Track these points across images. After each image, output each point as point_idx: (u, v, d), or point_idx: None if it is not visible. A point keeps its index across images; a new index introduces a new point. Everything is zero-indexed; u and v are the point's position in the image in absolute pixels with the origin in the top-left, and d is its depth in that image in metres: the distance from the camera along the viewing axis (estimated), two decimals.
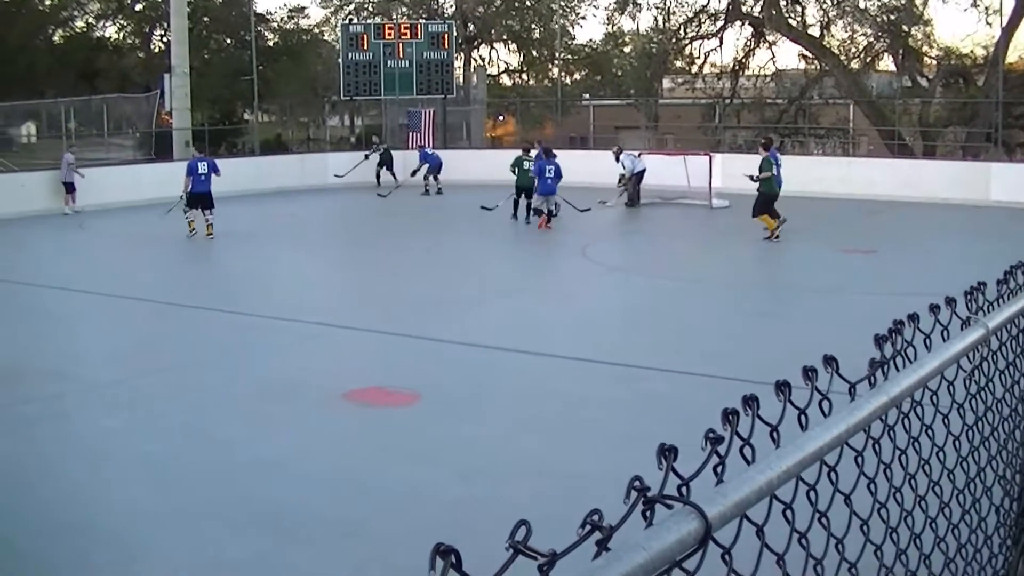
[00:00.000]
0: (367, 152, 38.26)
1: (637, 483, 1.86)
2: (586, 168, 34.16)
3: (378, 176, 38.03)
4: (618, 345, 14.06)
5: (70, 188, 32.87)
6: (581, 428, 10.54)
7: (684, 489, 1.95)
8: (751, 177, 24.38)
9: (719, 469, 2.10)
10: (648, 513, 1.88)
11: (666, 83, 53.83)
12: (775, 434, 2.33)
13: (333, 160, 41.12)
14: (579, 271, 21.03)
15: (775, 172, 24.08)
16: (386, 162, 38.14)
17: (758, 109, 47.44)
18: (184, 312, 17.08)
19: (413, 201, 33.86)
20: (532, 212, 27.07)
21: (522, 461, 9.55)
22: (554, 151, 28.27)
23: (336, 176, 36.91)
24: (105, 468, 9.71)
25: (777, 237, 23.82)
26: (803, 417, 2.46)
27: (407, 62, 41.76)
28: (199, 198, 25.68)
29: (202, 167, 25.88)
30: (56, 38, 60.87)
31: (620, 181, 31.23)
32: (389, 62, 41.70)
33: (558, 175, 26.69)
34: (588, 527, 1.75)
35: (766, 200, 24.12)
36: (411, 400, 11.58)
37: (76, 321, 16.85)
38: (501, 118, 56.11)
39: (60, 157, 34.10)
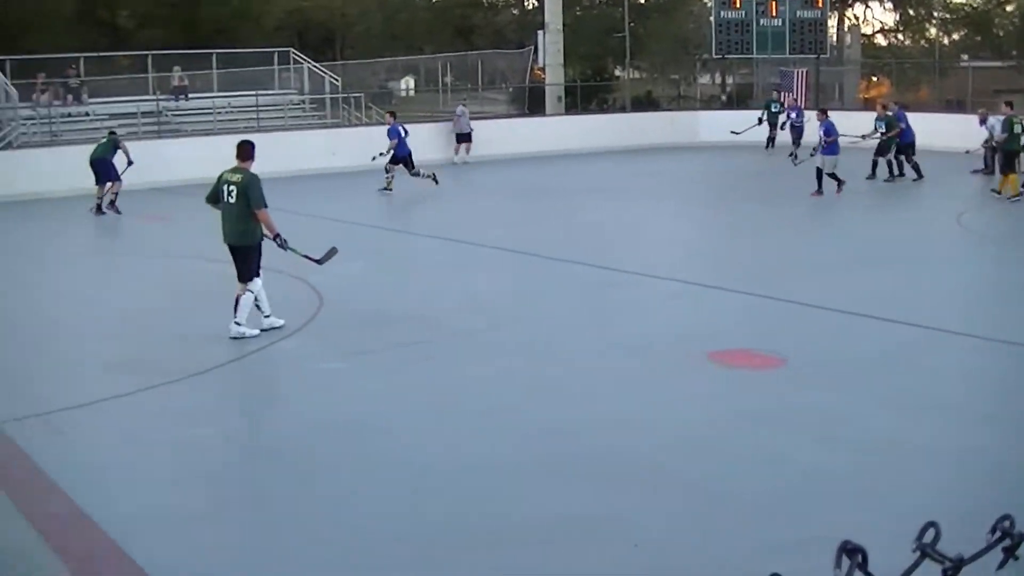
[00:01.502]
0: (760, 116, 37.01)
1: None
2: (959, 132, 32.67)
3: (771, 139, 36.54)
4: (995, 321, 13.43)
5: (463, 139, 34.45)
6: (946, 406, 10.17)
7: None
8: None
9: None
10: None
11: None
12: None
13: (704, 118, 41.05)
14: (953, 239, 20.26)
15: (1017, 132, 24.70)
16: (772, 123, 36.53)
17: None
18: (547, 264, 17.48)
19: (781, 163, 33.38)
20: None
21: (886, 434, 9.32)
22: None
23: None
24: (462, 415, 10.09)
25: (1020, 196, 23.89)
26: None
27: (780, 20, 40.86)
28: (405, 159, 27.08)
29: (402, 131, 27.16)
30: None
31: (985, 143, 29.56)
32: (761, 20, 40.93)
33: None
34: (998, 533, 1.71)
35: (1006, 157, 24.69)
36: (776, 364, 11.48)
37: (443, 269, 17.55)
38: (875, 79, 54.50)
39: (453, 111, 36.13)
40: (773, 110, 36.60)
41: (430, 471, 8.53)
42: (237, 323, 12.78)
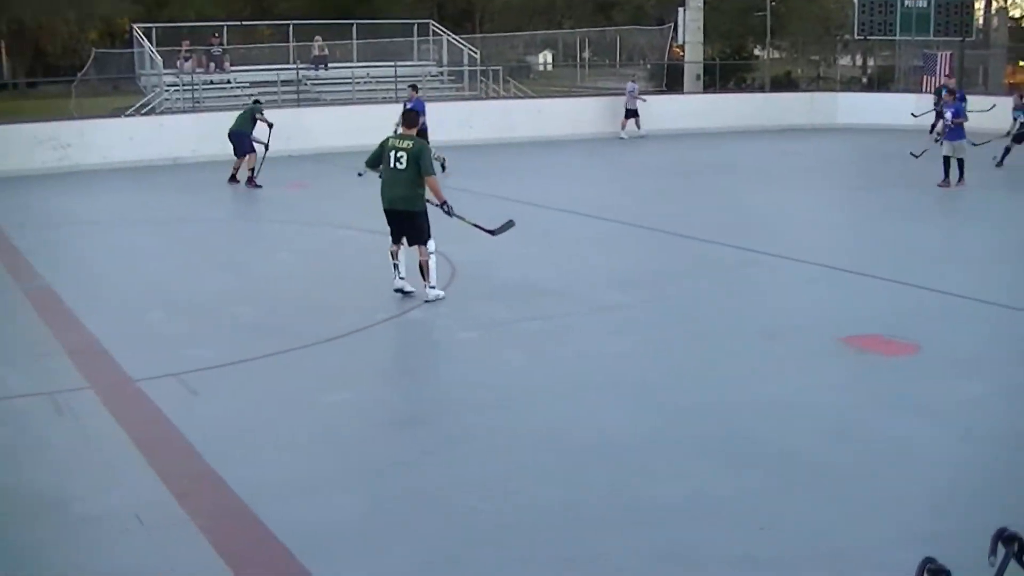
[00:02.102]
0: (936, 101, 34.72)
1: None
2: None
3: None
4: None
5: (632, 114, 34.44)
6: None
7: None
8: None
9: None
10: None
11: None
12: None
13: (844, 100, 40.42)
14: None
15: None
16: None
17: None
18: (685, 242, 17.32)
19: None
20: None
21: None
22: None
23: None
24: (595, 391, 10.01)
25: None
26: None
27: (924, 1, 39.89)
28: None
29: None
30: None
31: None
32: (906, 1, 40.08)
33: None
34: None
35: None
36: (910, 351, 11.24)
37: (581, 244, 17.57)
38: (1022, 64, 53.12)
39: (625, 86, 36.67)
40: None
41: (560, 447, 8.49)
42: (432, 287, 13.13)
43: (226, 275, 15.48)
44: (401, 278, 13.27)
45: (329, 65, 37.47)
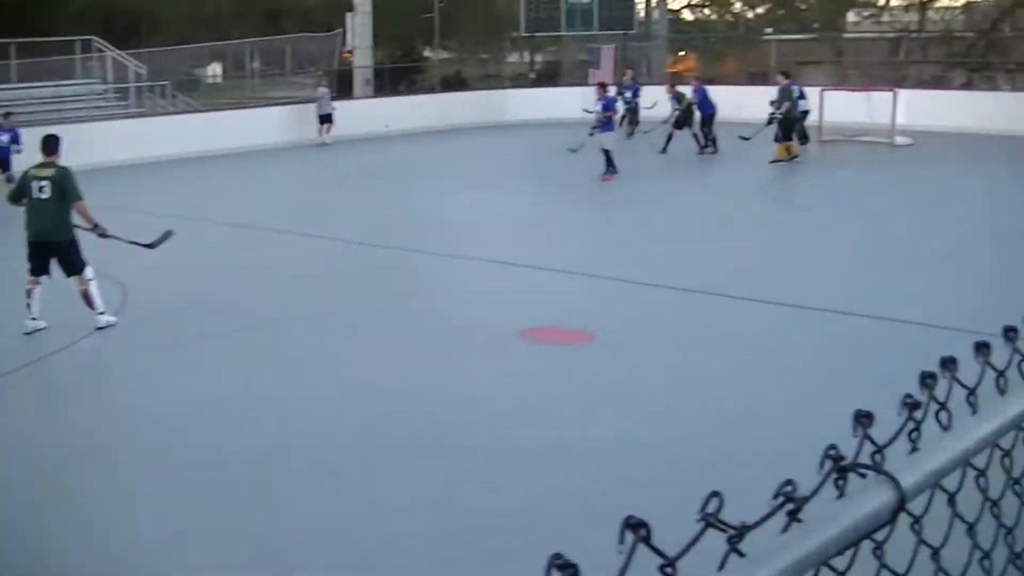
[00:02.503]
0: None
1: (832, 451, 1.80)
2: (763, 103, 33.15)
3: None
4: (805, 287, 13.88)
5: (326, 120, 33.94)
6: (762, 370, 10.45)
7: (878, 457, 1.88)
8: (772, 103, 26.54)
9: (914, 435, 2.01)
10: (841, 482, 1.82)
11: (851, 16, 52.50)
12: (972, 398, 2.22)
13: (512, 97, 41.19)
14: (762, 211, 20.79)
15: (795, 101, 26.86)
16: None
17: (945, 43, 45.80)
18: (365, 250, 17.38)
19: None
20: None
21: (698, 401, 9.54)
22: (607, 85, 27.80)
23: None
24: (284, 404, 9.98)
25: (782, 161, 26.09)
26: (1001, 380, 2.33)
27: None
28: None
29: (3, 139, 24.72)
30: None
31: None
32: None
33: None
34: (781, 498, 1.69)
35: (790, 125, 26.44)
36: (585, 338, 11.66)
37: (258, 257, 17.31)
38: (682, 54, 55.25)
39: (316, 91, 36.11)
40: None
41: (248, 463, 8.44)
42: (101, 313, 12.62)
43: None
44: (33, 319, 12.53)
45: None
